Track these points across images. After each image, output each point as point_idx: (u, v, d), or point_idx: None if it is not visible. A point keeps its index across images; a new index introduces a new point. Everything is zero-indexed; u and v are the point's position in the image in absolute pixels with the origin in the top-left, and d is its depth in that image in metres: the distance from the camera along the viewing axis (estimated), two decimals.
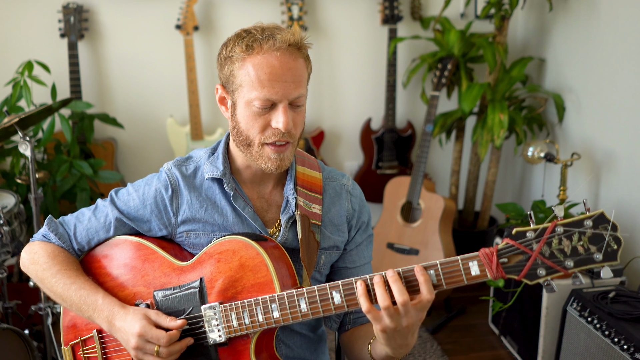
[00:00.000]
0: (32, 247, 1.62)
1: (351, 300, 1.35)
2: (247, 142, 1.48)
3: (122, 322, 1.47)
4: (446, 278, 1.30)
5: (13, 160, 3.01)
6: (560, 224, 1.23)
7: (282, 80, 1.42)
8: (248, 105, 1.45)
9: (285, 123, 1.43)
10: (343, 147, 3.84)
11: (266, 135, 1.46)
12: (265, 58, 1.42)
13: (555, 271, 1.24)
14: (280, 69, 1.41)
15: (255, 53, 1.42)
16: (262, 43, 1.42)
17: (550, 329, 2.69)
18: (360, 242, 1.65)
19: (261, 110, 1.44)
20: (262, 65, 1.42)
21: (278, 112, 1.44)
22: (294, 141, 1.50)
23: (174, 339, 1.44)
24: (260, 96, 1.42)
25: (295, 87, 1.43)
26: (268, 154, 1.48)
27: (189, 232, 1.57)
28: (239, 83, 1.45)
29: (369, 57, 3.72)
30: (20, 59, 3.17)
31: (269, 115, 1.45)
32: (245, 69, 1.43)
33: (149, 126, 3.60)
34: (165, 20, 3.47)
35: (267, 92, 1.42)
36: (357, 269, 1.65)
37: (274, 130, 1.45)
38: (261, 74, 1.41)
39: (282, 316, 1.40)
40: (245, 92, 1.44)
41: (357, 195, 1.66)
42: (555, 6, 3.31)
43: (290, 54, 1.43)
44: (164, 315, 1.47)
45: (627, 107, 2.87)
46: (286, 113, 1.43)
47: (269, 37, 1.42)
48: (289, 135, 1.46)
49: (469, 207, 3.69)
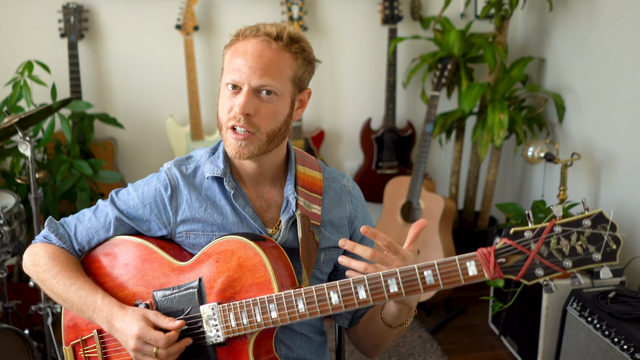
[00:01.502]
0: (34, 249, 1.62)
1: (349, 301, 1.35)
2: (219, 124, 1.52)
3: (121, 323, 1.47)
4: (444, 278, 1.29)
5: (13, 160, 3.01)
6: (559, 223, 1.23)
7: (248, 65, 1.45)
8: (223, 89, 1.50)
9: (240, 106, 1.45)
10: (343, 147, 3.84)
11: (229, 117, 1.48)
12: (243, 44, 1.47)
13: (553, 271, 1.24)
14: (251, 55, 1.45)
15: (238, 41, 1.48)
16: (248, 32, 1.48)
17: (550, 329, 2.69)
18: (362, 239, 1.65)
19: (230, 94, 1.48)
20: (237, 49, 1.48)
21: (240, 94, 1.47)
22: (258, 131, 1.47)
23: (172, 340, 1.44)
24: (228, 79, 1.47)
25: (262, 74, 1.45)
26: (229, 139, 1.49)
27: (188, 232, 1.58)
28: (222, 67, 1.52)
29: (369, 57, 3.72)
30: (20, 59, 3.17)
31: (236, 99, 1.47)
32: (227, 55, 1.50)
33: (149, 126, 3.60)
34: (165, 20, 3.47)
35: (233, 74, 1.46)
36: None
37: (234, 113, 1.47)
38: (234, 57, 1.47)
39: (280, 316, 1.40)
40: (224, 76, 1.50)
41: (358, 197, 1.67)
42: (555, 6, 3.30)
43: (268, 44, 1.46)
44: (162, 316, 1.47)
45: (627, 107, 2.87)
46: (245, 96, 1.45)
47: (258, 27, 1.48)
48: (248, 123, 1.46)
49: (469, 207, 3.69)
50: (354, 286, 1.35)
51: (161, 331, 1.45)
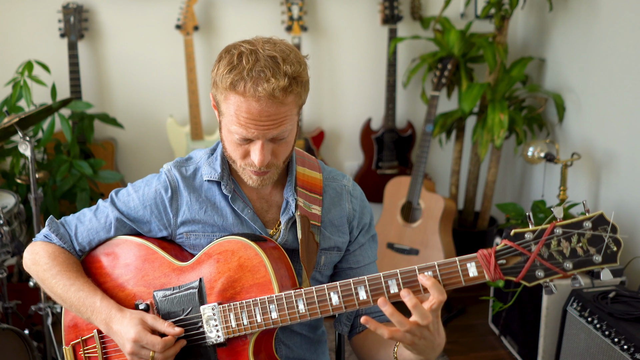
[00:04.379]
0: (34, 248, 1.62)
1: (349, 302, 1.36)
2: (231, 159, 1.50)
3: (119, 326, 1.48)
4: (444, 279, 1.30)
5: (13, 160, 3.01)
6: (559, 225, 1.23)
7: (259, 125, 1.39)
8: (230, 133, 1.45)
9: (260, 161, 1.43)
10: (343, 147, 3.84)
11: (246, 163, 1.47)
12: (245, 103, 1.38)
13: (554, 273, 1.24)
14: (259, 116, 1.38)
15: (237, 94, 1.38)
16: (245, 86, 1.37)
17: (550, 329, 2.69)
18: (363, 243, 1.65)
19: (241, 141, 1.44)
20: (241, 108, 1.39)
21: (255, 147, 1.43)
22: (277, 167, 1.50)
23: (169, 344, 1.45)
24: (238, 132, 1.42)
25: (276, 127, 1.41)
26: (249, 175, 1.49)
27: (188, 233, 1.58)
28: (222, 111, 1.45)
29: (369, 57, 3.72)
30: (20, 59, 3.17)
31: (249, 147, 1.45)
32: (227, 104, 1.41)
33: (149, 126, 3.60)
34: (165, 20, 3.47)
35: (244, 131, 1.41)
36: (362, 269, 1.64)
37: (252, 161, 1.46)
38: (240, 115, 1.39)
39: (280, 317, 1.40)
40: (227, 122, 1.43)
41: (358, 196, 1.66)
42: (555, 6, 3.30)
43: (272, 104, 1.37)
44: (161, 320, 1.48)
45: (627, 107, 2.87)
46: (262, 151, 1.43)
47: (254, 80, 1.36)
48: (267, 165, 1.46)
49: (469, 207, 3.69)
50: (355, 287, 1.35)
51: (158, 335, 1.46)
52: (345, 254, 1.64)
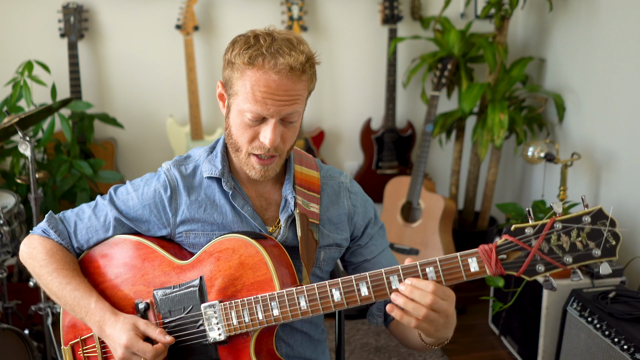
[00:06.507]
0: (32, 242, 1.61)
1: (351, 298, 1.36)
2: (236, 146, 1.50)
3: (112, 330, 1.48)
4: (445, 275, 1.30)
5: (13, 160, 3.01)
6: (559, 220, 1.24)
7: (276, 99, 1.42)
8: (240, 114, 1.46)
9: (271, 140, 1.44)
10: (343, 147, 3.84)
11: (253, 146, 1.48)
12: (264, 76, 1.41)
13: (554, 267, 1.24)
14: (277, 90, 1.41)
15: (255, 68, 1.41)
16: (264, 60, 1.41)
17: (550, 329, 2.69)
18: (373, 234, 1.66)
19: (252, 122, 1.45)
20: (259, 82, 1.41)
21: (267, 127, 1.45)
22: (282, 154, 1.51)
23: (159, 352, 1.45)
24: (252, 109, 1.43)
25: (290, 104, 1.43)
26: (253, 163, 1.50)
27: (188, 232, 1.58)
28: (235, 91, 1.45)
29: (369, 57, 3.72)
30: (20, 59, 3.17)
31: (259, 128, 1.46)
32: (243, 81, 1.43)
33: (149, 126, 3.60)
34: (165, 20, 3.48)
35: (259, 107, 1.42)
36: (378, 258, 1.65)
37: (260, 143, 1.46)
38: (256, 90, 1.42)
39: (282, 314, 1.40)
40: (240, 102, 1.45)
41: (356, 192, 1.67)
42: (555, 6, 3.31)
43: (290, 77, 1.41)
44: (153, 326, 1.48)
45: (627, 107, 2.87)
46: (274, 130, 1.44)
47: (273, 55, 1.40)
48: (275, 149, 1.47)
49: (469, 207, 3.69)
50: (356, 283, 1.35)
51: (149, 342, 1.46)
52: (356, 249, 1.65)
